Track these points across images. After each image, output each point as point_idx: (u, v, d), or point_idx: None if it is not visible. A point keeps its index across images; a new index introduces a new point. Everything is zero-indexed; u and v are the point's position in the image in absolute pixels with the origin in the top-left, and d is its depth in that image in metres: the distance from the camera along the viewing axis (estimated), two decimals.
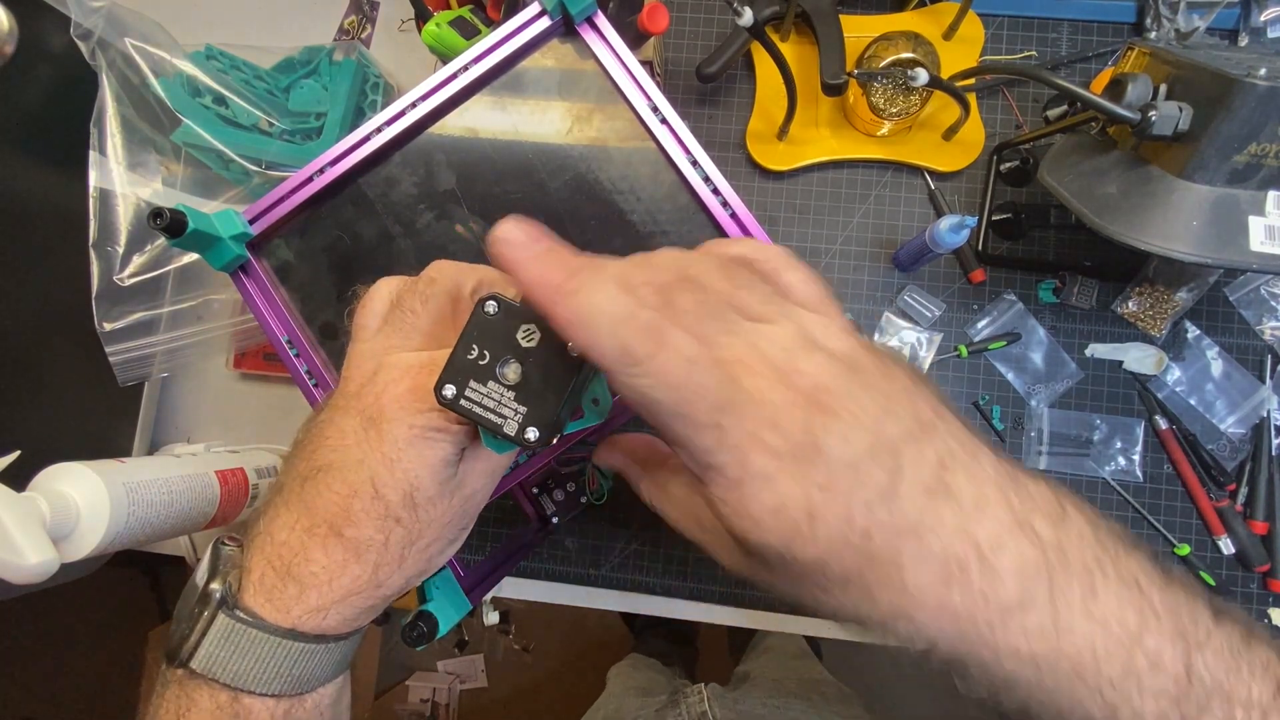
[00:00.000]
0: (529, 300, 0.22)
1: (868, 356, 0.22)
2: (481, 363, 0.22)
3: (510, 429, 0.22)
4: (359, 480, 0.25)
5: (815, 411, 0.20)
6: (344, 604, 0.26)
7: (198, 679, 0.25)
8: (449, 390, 0.23)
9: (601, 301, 0.20)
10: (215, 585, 0.26)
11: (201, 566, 0.27)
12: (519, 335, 0.23)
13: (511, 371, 0.23)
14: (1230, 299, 0.56)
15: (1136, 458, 0.55)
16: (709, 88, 0.61)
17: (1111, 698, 0.21)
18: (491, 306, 0.23)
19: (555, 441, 0.24)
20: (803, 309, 0.23)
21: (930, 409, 0.22)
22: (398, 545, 0.26)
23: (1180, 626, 0.22)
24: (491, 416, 0.22)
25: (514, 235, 0.21)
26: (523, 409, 0.22)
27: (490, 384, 0.22)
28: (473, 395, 0.22)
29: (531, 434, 0.22)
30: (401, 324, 0.28)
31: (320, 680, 0.27)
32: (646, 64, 0.56)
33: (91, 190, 0.49)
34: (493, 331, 0.23)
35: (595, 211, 0.35)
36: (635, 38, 0.49)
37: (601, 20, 0.35)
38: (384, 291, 0.30)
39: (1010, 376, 0.57)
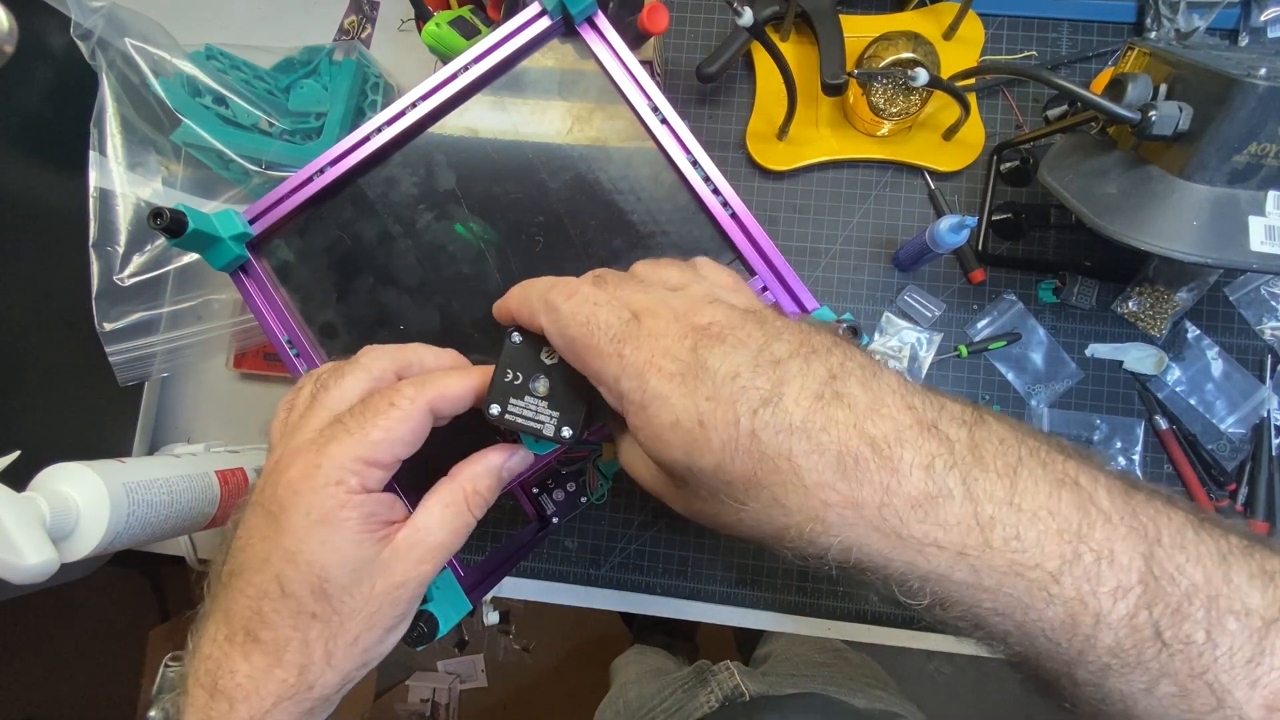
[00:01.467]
0: (514, 316, 0.27)
1: (772, 311, 0.25)
2: (516, 383, 0.27)
3: (549, 431, 0.27)
4: (265, 580, 0.24)
5: (704, 338, 0.23)
6: (277, 711, 0.24)
7: None
8: (495, 408, 0.27)
9: (537, 282, 0.27)
10: (154, 714, 0.26)
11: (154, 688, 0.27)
12: (542, 355, 0.27)
13: (541, 385, 0.27)
14: (1230, 299, 0.56)
15: (1136, 458, 0.55)
16: (709, 88, 0.61)
17: (1064, 596, 0.20)
18: (516, 337, 0.27)
19: (584, 437, 0.28)
20: (717, 285, 0.27)
21: (830, 341, 0.23)
22: (320, 641, 0.25)
23: (1137, 525, 0.21)
24: (532, 424, 0.27)
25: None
26: (555, 413, 0.27)
27: (527, 398, 0.27)
28: (514, 409, 0.27)
29: (566, 432, 0.27)
30: (314, 404, 0.27)
31: None
32: (646, 64, 0.56)
33: (91, 190, 0.49)
34: (521, 356, 0.27)
35: (595, 211, 0.35)
36: (635, 38, 0.49)
37: (601, 20, 0.35)
38: (312, 375, 0.29)
39: (1010, 376, 0.57)
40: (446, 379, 0.27)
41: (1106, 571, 0.20)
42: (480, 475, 0.28)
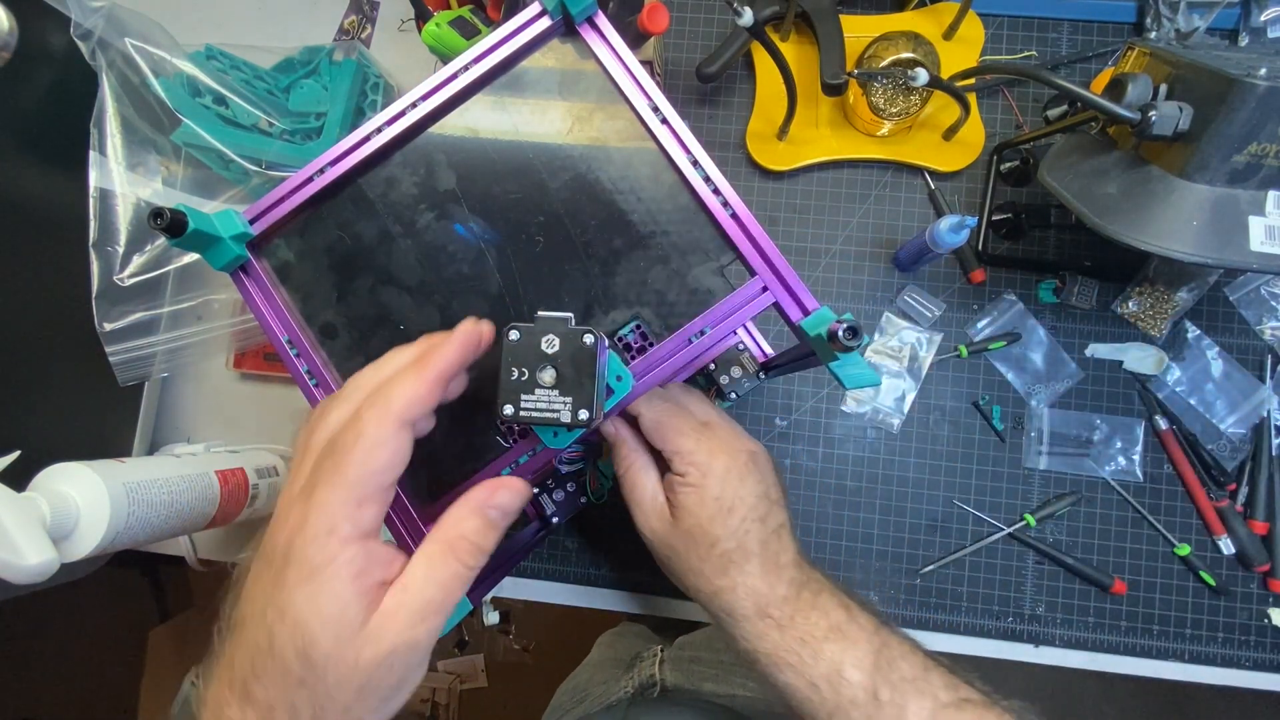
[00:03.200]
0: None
1: (760, 458, 0.38)
2: (523, 379, 0.27)
3: (566, 417, 0.27)
4: (260, 634, 0.23)
5: (750, 458, 0.37)
6: None
7: None
8: (508, 409, 0.27)
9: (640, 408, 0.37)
10: None
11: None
12: (543, 345, 0.27)
13: (548, 375, 0.27)
14: (1230, 299, 0.56)
15: (1136, 458, 0.55)
16: (709, 88, 0.61)
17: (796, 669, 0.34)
18: (514, 334, 0.27)
19: (600, 418, 0.28)
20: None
21: (780, 491, 0.38)
22: (307, 710, 0.23)
23: (878, 642, 0.35)
24: (548, 414, 0.27)
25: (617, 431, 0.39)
26: (568, 399, 0.27)
27: (537, 391, 0.27)
28: (526, 405, 0.27)
29: (583, 414, 0.27)
30: (306, 447, 0.26)
31: None
32: (647, 64, 0.56)
33: (91, 190, 0.49)
34: (522, 351, 0.27)
35: (595, 211, 0.35)
36: (635, 38, 0.49)
37: (602, 20, 0.35)
38: (313, 410, 0.29)
39: (1010, 376, 0.57)
40: (403, 386, 0.25)
41: (849, 671, 0.34)
42: (464, 518, 0.26)
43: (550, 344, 0.27)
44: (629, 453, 0.38)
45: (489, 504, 0.26)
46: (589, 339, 0.27)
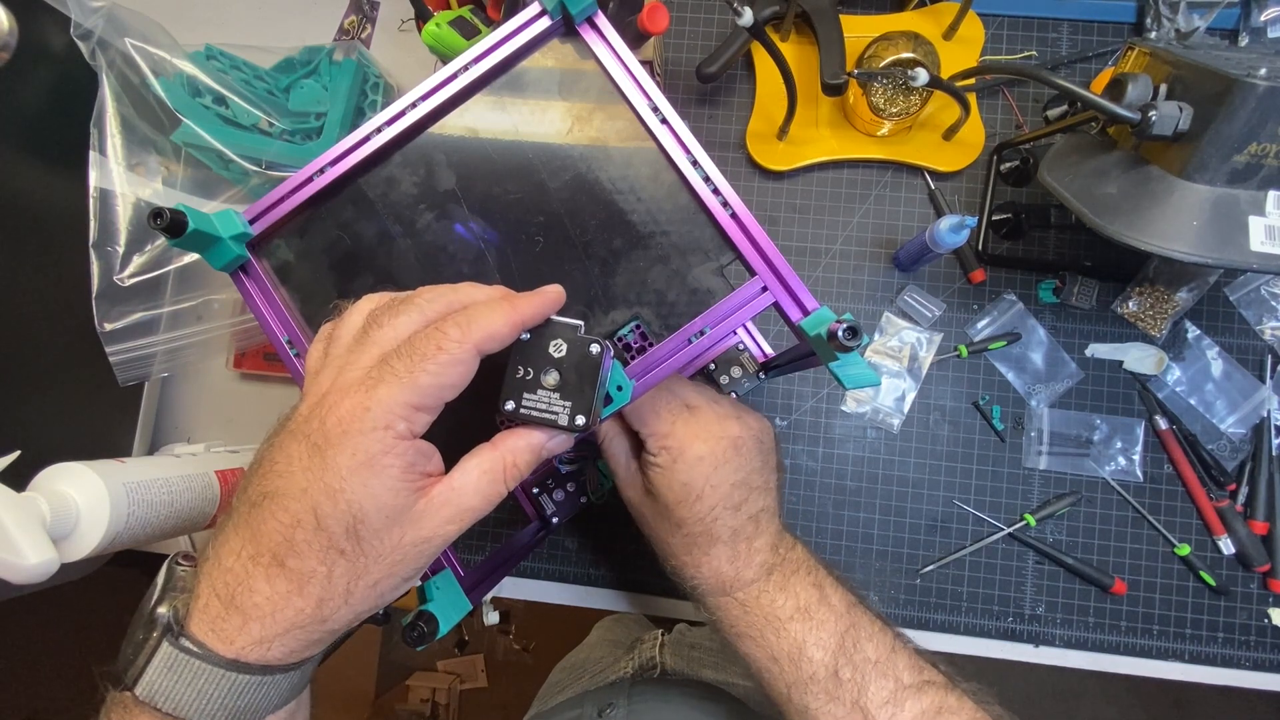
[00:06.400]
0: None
1: (749, 442, 0.38)
2: (528, 378, 0.28)
3: (563, 421, 0.28)
4: (302, 509, 0.24)
5: (731, 445, 0.37)
6: (287, 636, 0.25)
7: (141, 704, 0.25)
8: (509, 405, 0.28)
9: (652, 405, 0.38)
10: (163, 610, 0.26)
11: (155, 585, 0.27)
12: (550, 349, 0.28)
13: (551, 378, 0.28)
14: (1230, 299, 0.56)
15: (1136, 458, 0.55)
16: (709, 88, 0.61)
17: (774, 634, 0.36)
18: (525, 334, 0.28)
19: (596, 425, 0.29)
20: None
21: (767, 476, 0.38)
22: (342, 579, 0.25)
23: (852, 622, 0.36)
24: (546, 416, 0.28)
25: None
26: (568, 403, 0.28)
27: (539, 391, 0.28)
28: (528, 403, 0.28)
29: (580, 420, 0.28)
30: (365, 340, 0.27)
31: (267, 709, 0.26)
32: (646, 64, 0.56)
33: (91, 190, 0.49)
34: (531, 352, 0.28)
35: (595, 211, 0.35)
36: (635, 38, 0.49)
37: (602, 20, 0.35)
38: (364, 307, 0.29)
39: (1010, 376, 0.57)
40: (491, 315, 0.26)
41: (817, 632, 0.36)
42: (521, 449, 0.28)
43: (558, 348, 0.28)
44: (606, 423, 0.39)
45: (546, 445, 0.29)
46: (595, 348, 0.28)
